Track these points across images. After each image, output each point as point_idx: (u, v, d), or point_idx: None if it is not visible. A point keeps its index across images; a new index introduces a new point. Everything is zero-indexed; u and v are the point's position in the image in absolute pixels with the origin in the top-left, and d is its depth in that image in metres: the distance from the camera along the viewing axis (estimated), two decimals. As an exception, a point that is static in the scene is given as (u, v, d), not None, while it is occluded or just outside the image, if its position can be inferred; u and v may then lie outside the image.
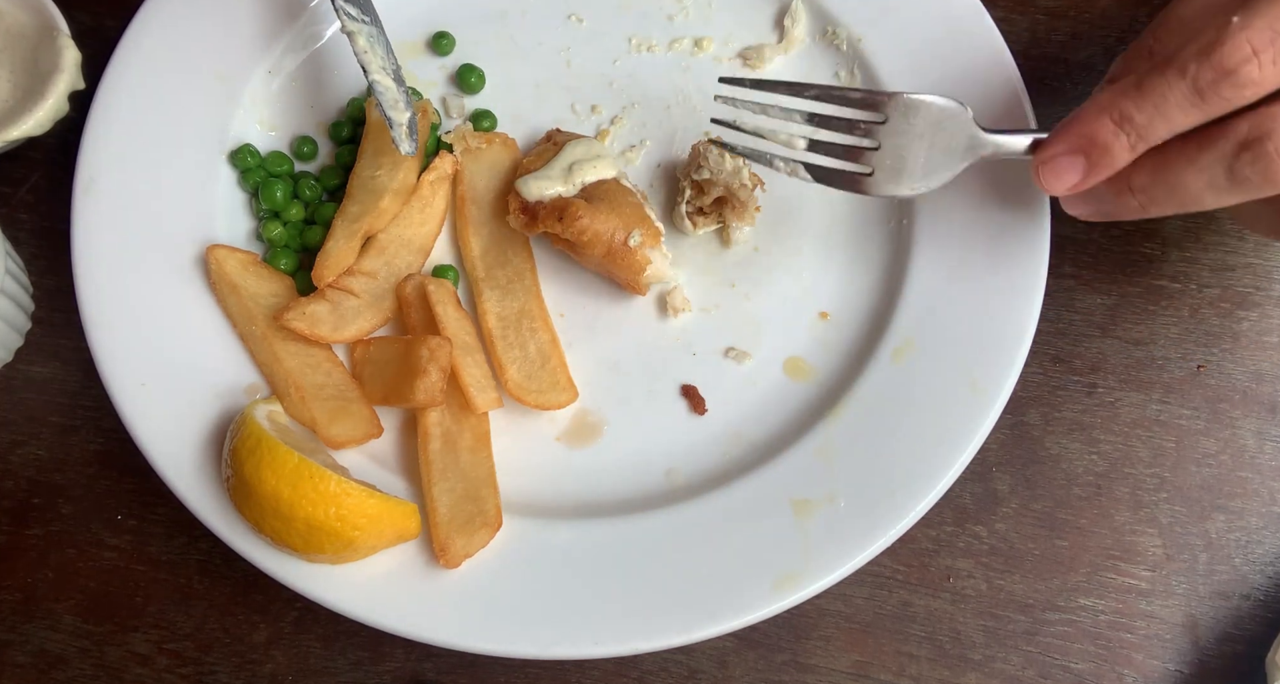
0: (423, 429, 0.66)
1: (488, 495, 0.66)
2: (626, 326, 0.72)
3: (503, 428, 0.69)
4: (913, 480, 0.65)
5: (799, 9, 0.77)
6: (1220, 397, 0.71)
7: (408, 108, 0.70)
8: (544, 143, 0.74)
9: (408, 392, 0.65)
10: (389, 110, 0.69)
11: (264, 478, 0.60)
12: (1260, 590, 0.68)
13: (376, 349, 0.69)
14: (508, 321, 0.70)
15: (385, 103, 0.69)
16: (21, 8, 0.76)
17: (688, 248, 0.73)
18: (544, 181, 0.69)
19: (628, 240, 0.67)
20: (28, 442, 0.73)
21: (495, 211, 0.73)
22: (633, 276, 0.68)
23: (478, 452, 0.67)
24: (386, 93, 0.69)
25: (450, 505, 0.65)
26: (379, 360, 0.68)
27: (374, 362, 0.69)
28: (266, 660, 0.69)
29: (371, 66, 0.69)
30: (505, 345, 0.69)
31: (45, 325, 0.75)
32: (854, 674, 0.68)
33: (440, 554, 0.63)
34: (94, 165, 0.72)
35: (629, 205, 0.69)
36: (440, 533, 0.64)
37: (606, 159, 0.70)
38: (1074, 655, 0.67)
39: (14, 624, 0.70)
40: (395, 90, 0.69)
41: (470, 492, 0.65)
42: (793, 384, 0.70)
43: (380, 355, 0.69)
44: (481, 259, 0.72)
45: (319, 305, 0.68)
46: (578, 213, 0.67)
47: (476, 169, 0.73)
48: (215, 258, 0.70)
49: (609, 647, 0.62)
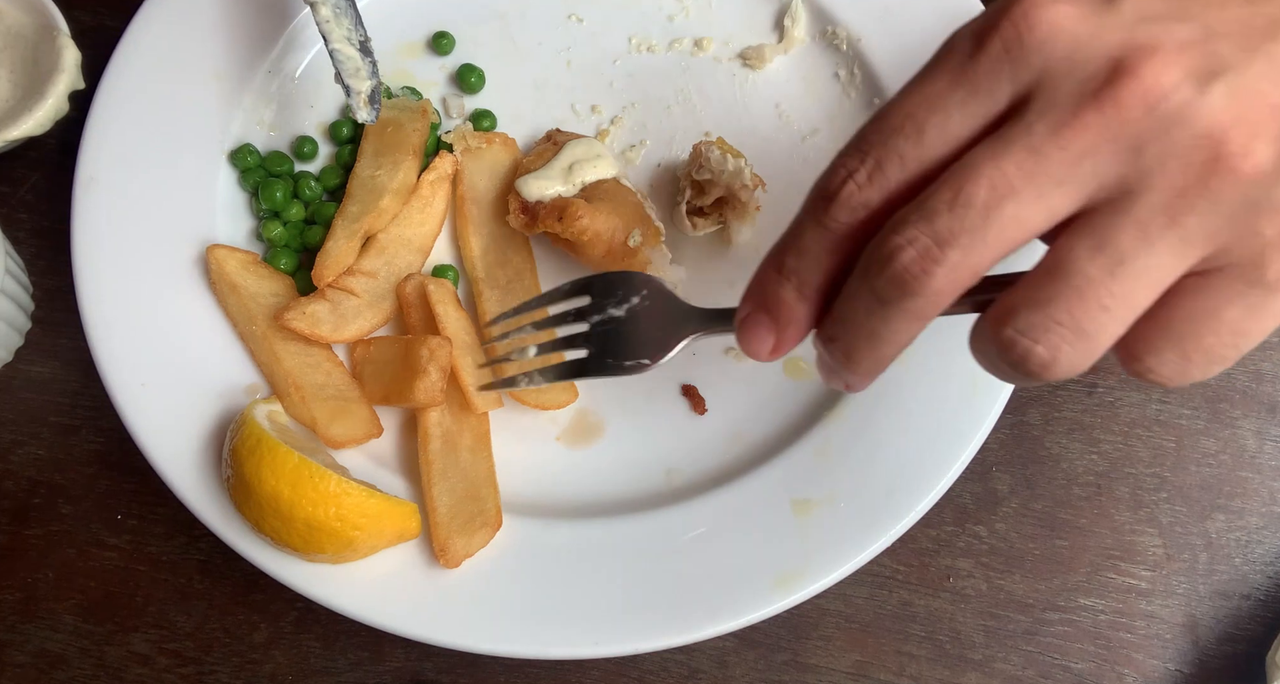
0: (423, 429, 0.66)
1: (488, 495, 0.66)
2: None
3: (503, 428, 0.69)
4: (913, 480, 0.65)
5: (799, 9, 0.77)
6: (1220, 397, 0.71)
7: (371, 77, 0.70)
8: (544, 143, 0.74)
9: (408, 391, 0.65)
10: (349, 79, 0.69)
11: (264, 478, 0.60)
12: (1260, 590, 0.68)
13: (376, 349, 0.69)
14: None
15: (346, 71, 0.69)
16: (21, 7, 0.76)
17: (688, 248, 0.73)
18: (544, 181, 0.69)
19: (628, 240, 0.67)
20: (28, 442, 0.73)
21: (495, 211, 0.73)
22: None
23: (478, 451, 0.67)
24: (348, 61, 0.69)
25: (450, 505, 0.65)
26: (379, 360, 0.68)
27: (374, 361, 0.69)
28: (266, 660, 0.69)
29: (333, 36, 0.69)
30: None
31: (45, 325, 0.75)
32: (854, 674, 0.68)
33: (440, 554, 0.63)
34: (94, 165, 0.72)
35: (629, 205, 0.69)
36: (440, 533, 0.64)
37: (606, 159, 0.70)
38: (1074, 655, 0.67)
39: (14, 624, 0.70)
40: (358, 58, 0.69)
41: (470, 491, 0.65)
42: (793, 384, 0.70)
43: (380, 355, 0.69)
44: (481, 259, 0.72)
45: (319, 305, 0.68)
46: (578, 213, 0.67)
47: (476, 169, 0.73)
48: (215, 257, 0.70)
49: (609, 647, 0.62)
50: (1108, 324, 0.39)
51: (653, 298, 0.58)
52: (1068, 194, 0.39)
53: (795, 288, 0.46)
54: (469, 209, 0.73)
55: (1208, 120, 0.38)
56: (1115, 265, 0.38)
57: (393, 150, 0.72)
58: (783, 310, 0.47)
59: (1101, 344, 0.40)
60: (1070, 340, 0.39)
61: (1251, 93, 0.38)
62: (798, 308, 0.46)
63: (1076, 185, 0.39)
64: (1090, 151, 0.39)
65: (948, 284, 0.40)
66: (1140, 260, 0.38)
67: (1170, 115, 0.38)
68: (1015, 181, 0.39)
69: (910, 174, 0.42)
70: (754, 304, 0.48)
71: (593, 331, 0.58)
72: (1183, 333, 0.40)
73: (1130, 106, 0.38)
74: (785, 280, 0.46)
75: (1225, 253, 0.39)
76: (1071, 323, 0.39)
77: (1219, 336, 0.40)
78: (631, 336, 0.57)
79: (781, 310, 0.47)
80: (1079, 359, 0.40)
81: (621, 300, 0.58)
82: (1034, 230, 0.40)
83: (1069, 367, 0.40)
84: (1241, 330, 0.40)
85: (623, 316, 0.58)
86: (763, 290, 0.47)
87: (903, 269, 0.40)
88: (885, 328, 0.43)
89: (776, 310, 0.47)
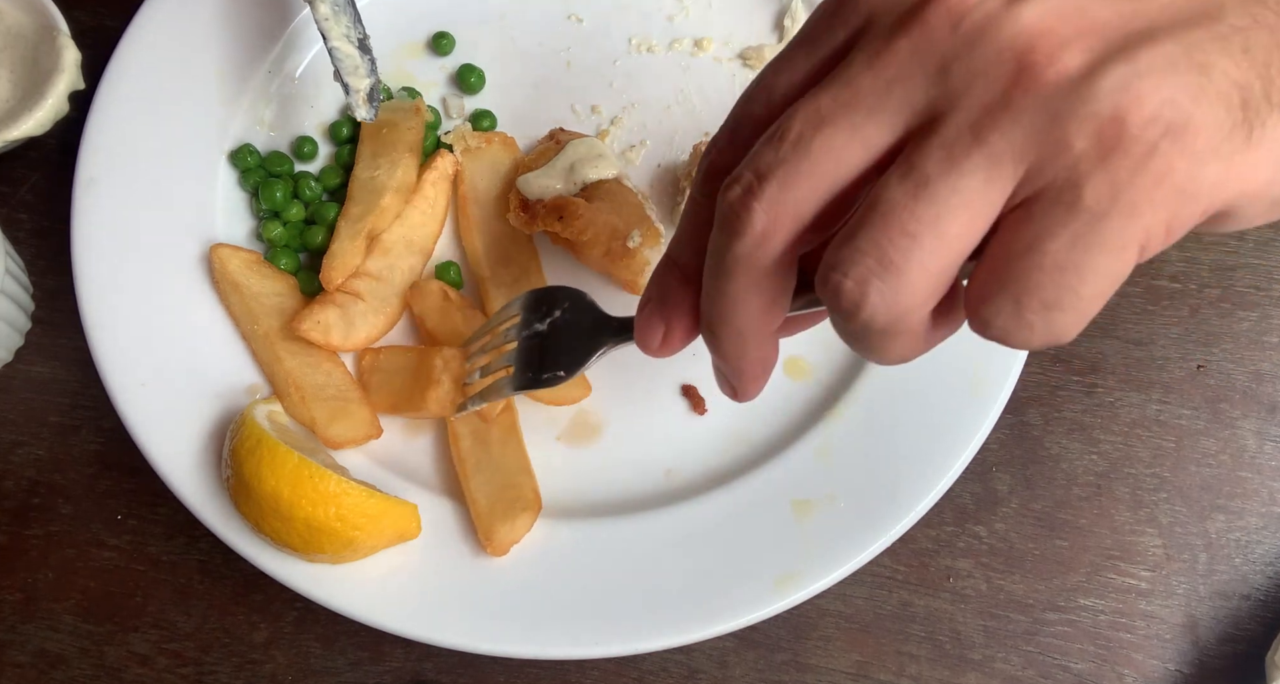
0: (452, 430, 0.67)
1: (524, 481, 0.66)
2: (626, 326, 0.72)
3: (503, 428, 0.69)
4: (913, 480, 0.65)
5: (799, 9, 0.77)
6: (1220, 397, 0.71)
7: (369, 75, 0.70)
8: (546, 141, 0.74)
9: (420, 401, 0.65)
10: (348, 76, 0.69)
11: (264, 478, 0.60)
12: (1260, 590, 0.68)
13: (386, 358, 0.69)
14: None
15: (345, 70, 0.69)
16: (21, 8, 0.76)
17: (688, 248, 0.73)
18: (545, 180, 0.69)
19: (627, 241, 0.67)
20: (28, 442, 0.73)
21: (497, 211, 0.73)
22: (631, 277, 0.68)
23: (508, 442, 0.67)
24: (346, 60, 0.69)
25: (489, 496, 0.65)
26: (387, 369, 0.68)
27: (382, 370, 0.69)
28: (266, 660, 0.69)
29: (331, 34, 0.69)
30: None
31: (45, 325, 0.75)
32: (854, 674, 0.68)
33: (486, 544, 0.64)
34: (94, 165, 0.72)
35: (629, 206, 0.69)
36: (483, 524, 0.64)
37: (608, 159, 0.70)
38: (1074, 655, 0.67)
39: (14, 624, 0.70)
40: (357, 57, 0.70)
41: (506, 480, 0.66)
42: (793, 384, 0.70)
43: (389, 364, 0.69)
44: (486, 258, 0.72)
45: (330, 312, 0.68)
46: (578, 212, 0.67)
47: (477, 169, 0.73)
48: (218, 257, 0.70)
49: (609, 647, 0.62)
50: (914, 252, 0.36)
51: (574, 311, 0.59)
52: (881, 124, 0.38)
53: (680, 270, 0.46)
54: (471, 209, 0.73)
55: (1012, 32, 0.36)
56: (919, 189, 0.36)
57: (390, 149, 0.72)
58: (669, 295, 0.47)
59: (912, 279, 0.37)
60: (878, 271, 0.37)
61: (1070, 7, 0.36)
62: (680, 290, 0.46)
63: (889, 114, 0.38)
64: (900, 78, 0.37)
65: (769, 222, 0.39)
66: (945, 182, 0.36)
67: (974, 31, 0.36)
68: (827, 113, 0.38)
69: (764, 131, 0.41)
70: (647, 296, 0.48)
71: (520, 347, 0.59)
72: (1011, 275, 0.36)
73: (935, 27, 0.37)
74: (671, 267, 0.47)
75: (1039, 174, 0.36)
76: (876, 251, 0.37)
77: (1046, 274, 0.36)
78: (553, 349, 0.58)
79: (668, 296, 0.47)
80: (891, 296, 0.37)
81: (545, 315, 0.59)
82: (853, 164, 0.39)
83: (883, 305, 0.38)
84: (1069, 265, 0.36)
85: (545, 330, 0.59)
86: (654, 282, 0.48)
87: (728, 207, 0.40)
88: (729, 285, 0.42)
89: (664, 297, 0.47)
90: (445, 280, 0.72)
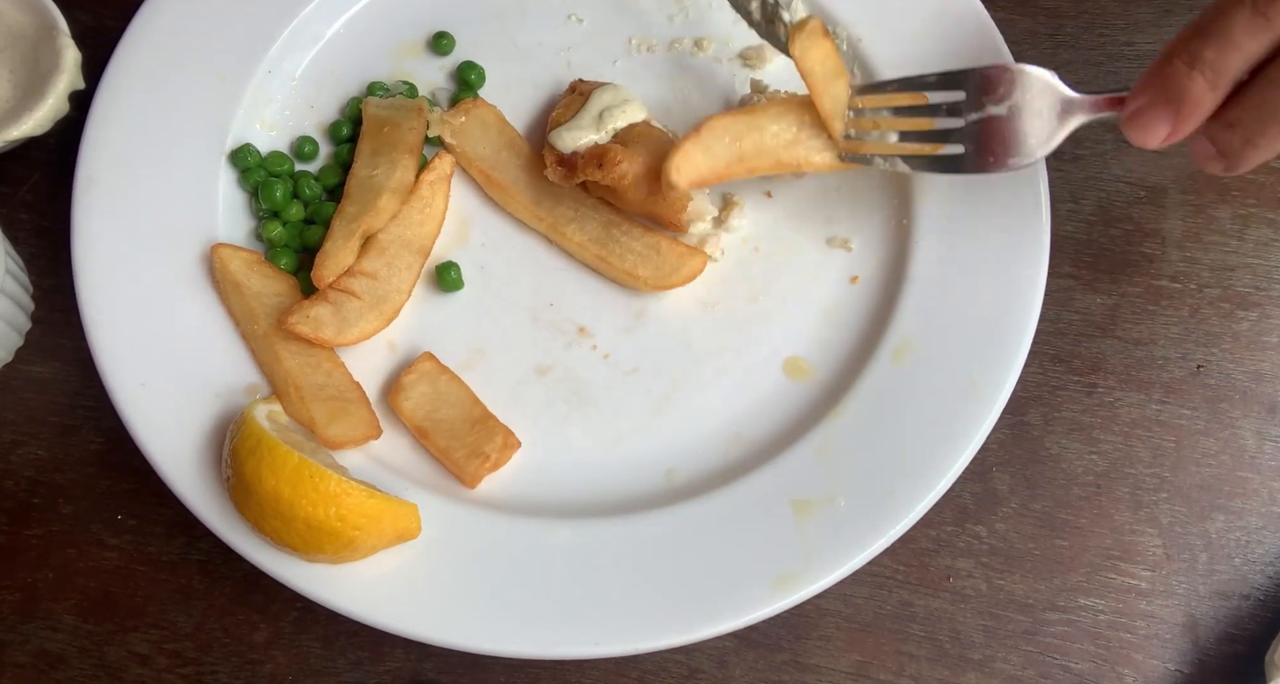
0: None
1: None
2: (627, 326, 0.72)
3: (503, 428, 0.69)
4: (913, 480, 0.65)
5: (799, 9, 0.77)
6: (1220, 397, 0.71)
7: None
8: (569, 94, 0.74)
9: (458, 459, 0.67)
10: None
11: (264, 478, 0.60)
12: (1260, 590, 0.68)
13: (456, 393, 0.69)
14: (601, 239, 0.71)
15: None
16: (21, 8, 0.76)
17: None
18: (577, 132, 0.70)
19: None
20: (28, 442, 0.73)
21: (519, 164, 0.73)
22: (675, 215, 0.69)
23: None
24: None
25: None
26: (453, 403, 0.69)
27: (449, 404, 0.69)
28: (266, 660, 0.69)
29: None
30: (619, 255, 0.71)
31: (45, 325, 0.75)
32: (854, 674, 0.68)
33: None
34: (94, 165, 0.72)
35: (663, 145, 0.69)
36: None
37: (635, 102, 0.71)
38: (1074, 655, 0.67)
39: (14, 624, 0.70)
40: None
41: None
42: (793, 384, 0.70)
43: (456, 406, 0.69)
44: (537, 209, 0.72)
45: (322, 308, 0.68)
46: (617, 158, 0.67)
47: (472, 141, 0.74)
48: (220, 256, 0.70)
49: (609, 647, 0.62)
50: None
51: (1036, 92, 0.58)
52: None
53: (1209, 80, 0.50)
54: (495, 177, 0.73)
55: None
56: None
57: (390, 149, 0.72)
58: (1188, 100, 0.51)
59: None
60: None
61: None
62: (1206, 98, 0.51)
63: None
64: None
65: None
66: None
67: None
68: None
69: None
70: (1152, 95, 0.52)
71: (968, 128, 0.58)
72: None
73: None
74: (1198, 73, 0.51)
75: None
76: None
77: None
78: (1013, 134, 0.58)
79: (1187, 100, 0.51)
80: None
81: (1003, 98, 0.58)
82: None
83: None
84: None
85: (1004, 114, 0.58)
86: (1165, 83, 0.52)
87: None
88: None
89: (1181, 101, 0.51)
90: (445, 281, 0.72)
